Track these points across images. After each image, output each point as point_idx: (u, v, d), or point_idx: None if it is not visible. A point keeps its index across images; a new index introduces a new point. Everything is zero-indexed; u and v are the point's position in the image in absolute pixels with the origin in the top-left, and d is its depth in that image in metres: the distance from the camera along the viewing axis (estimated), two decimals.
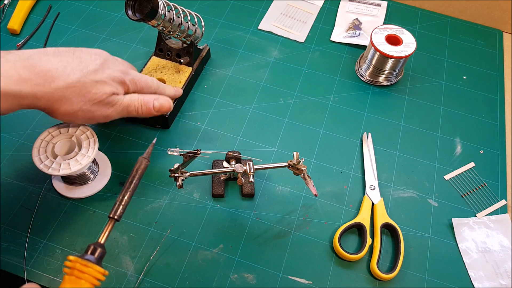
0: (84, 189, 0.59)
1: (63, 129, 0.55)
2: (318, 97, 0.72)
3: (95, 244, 0.40)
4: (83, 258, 0.39)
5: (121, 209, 0.43)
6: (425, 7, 0.87)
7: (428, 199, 0.62)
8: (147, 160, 0.45)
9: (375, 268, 0.54)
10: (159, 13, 0.58)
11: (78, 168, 0.52)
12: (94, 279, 0.38)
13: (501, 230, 0.60)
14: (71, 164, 0.52)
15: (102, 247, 0.40)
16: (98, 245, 0.40)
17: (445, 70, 0.77)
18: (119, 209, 0.42)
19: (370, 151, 0.66)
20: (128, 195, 0.43)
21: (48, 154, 0.53)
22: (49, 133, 0.55)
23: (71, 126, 0.55)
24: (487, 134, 0.70)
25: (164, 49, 0.70)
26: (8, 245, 0.55)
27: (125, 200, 0.43)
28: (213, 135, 0.67)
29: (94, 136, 0.55)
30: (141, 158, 0.45)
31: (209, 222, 0.58)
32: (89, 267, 0.38)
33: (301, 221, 0.59)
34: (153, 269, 0.54)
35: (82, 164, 0.52)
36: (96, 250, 0.40)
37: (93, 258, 0.39)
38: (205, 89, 0.72)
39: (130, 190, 0.43)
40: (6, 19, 0.78)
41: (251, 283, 0.54)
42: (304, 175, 0.55)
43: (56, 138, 0.55)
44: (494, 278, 0.56)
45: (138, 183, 0.44)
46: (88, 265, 0.38)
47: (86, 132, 0.55)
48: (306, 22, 0.83)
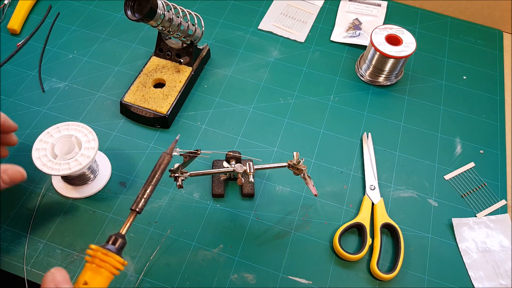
0: (84, 189, 0.59)
1: (63, 130, 0.55)
2: (318, 97, 0.72)
3: (116, 234, 0.40)
4: (104, 247, 0.39)
5: (143, 202, 0.43)
6: (425, 7, 0.87)
7: (428, 199, 0.62)
8: (170, 155, 0.45)
9: (375, 268, 0.54)
10: (158, 13, 0.58)
11: (78, 168, 0.52)
12: (114, 269, 0.38)
13: (501, 230, 0.60)
14: (71, 164, 0.52)
15: (123, 237, 0.41)
16: (119, 235, 0.40)
17: (445, 70, 0.77)
18: (141, 201, 0.42)
19: (370, 151, 0.66)
20: (150, 188, 0.43)
21: (48, 154, 0.53)
22: (48, 133, 0.55)
23: (71, 127, 0.55)
24: (487, 134, 0.70)
25: (164, 49, 0.70)
26: (8, 245, 0.55)
27: (147, 193, 0.43)
28: (213, 135, 0.67)
29: (94, 136, 0.55)
30: (164, 154, 0.45)
31: (209, 222, 0.58)
32: (109, 257, 0.38)
33: (301, 221, 0.59)
34: (153, 269, 0.54)
35: (82, 164, 0.52)
36: (117, 240, 0.40)
37: (114, 248, 0.39)
38: (205, 89, 0.72)
39: (152, 184, 0.43)
40: (6, 19, 0.78)
41: (251, 283, 0.54)
42: (304, 175, 0.55)
43: (56, 138, 0.55)
44: (494, 278, 0.56)
45: (160, 177, 0.44)
46: (108, 254, 0.38)
47: (86, 132, 0.55)
48: (306, 22, 0.83)
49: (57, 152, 0.54)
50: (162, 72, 0.69)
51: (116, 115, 0.68)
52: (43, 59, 0.73)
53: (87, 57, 0.74)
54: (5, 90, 0.69)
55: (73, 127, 0.55)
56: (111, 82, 0.71)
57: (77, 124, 0.56)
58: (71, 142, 0.55)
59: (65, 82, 0.71)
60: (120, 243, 0.40)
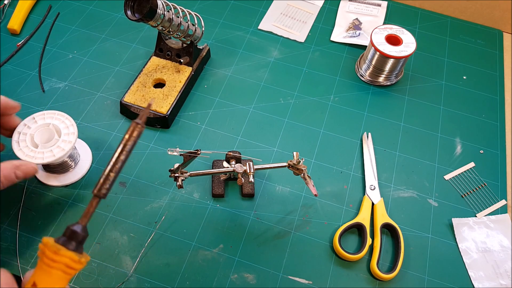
0: (66, 176, 0.60)
1: (39, 119, 0.56)
2: (318, 97, 0.72)
3: (73, 225, 0.34)
4: (57, 242, 0.33)
5: (108, 185, 0.35)
6: (425, 7, 0.87)
7: (428, 199, 0.62)
8: (141, 125, 0.35)
9: (375, 268, 0.54)
10: (158, 13, 0.58)
11: (62, 154, 0.53)
12: (67, 268, 0.33)
13: (501, 230, 0.60)
14: (54, 151, 0.53)
15: (82, 229, 0.34)
16: (77, 227, 0.34)
17: (445, 70, 0.77)
18: (104, 184, 0.35)
19: (370, 151, 0.66)
20: (115, 168, 0.35)
21: (29, 144, 0.54)
22: (25, 124, 0.55)
23: (47, 115, 0.56)
24: (487, 134, 0.70)
25: (164, 49, 0.70)
26: (8, 245, 0.55)
27: (112, 174, 0.35)
28: (213, 135, 0.67)
29: (72, 122, 0.56)
30: (134, 123, 0.35)
31: (209, 222, 0.58)
32: (60, 255, 0.33)
33: (301, 221, 0.59)
34: (153, 269, 0.54)
35: (65, 150, 0.53)
36: (74, 233, 0.34)
37: (68, 243, 0.33)
38: (205, 89, 0.72)
39: (118, 162, 0.35)
40: (6, 19, 0.78)
41: (251, 283, 0.54)
42: (304, 175, 0.55)
43: (33, 128, 0.55)
44: (494, 278, 0.56)
45: (129, 154, 0.35)
46: (59, 252, 0.33)
47: (63, 119, 0.56)
48: (306, 22, 0.83)
49: (37, 142, 0.54)
50: (162, 72, 0.69)
51: (116, 115, 0.68)
52: (43, 59, 0.73)
53: (87, 57, 0.74)
54: (5, 90, 0.69)
55: (49, 115, 0.56)
56: (111, 82, 0.71)
57: (52, 112, 0.56)
58: (50, 130, 0.56)
59: (65, 82, 0.71)
60: (77, 237, 0.33)
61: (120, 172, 0.35)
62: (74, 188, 0.60)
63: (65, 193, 0.59)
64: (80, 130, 0.65)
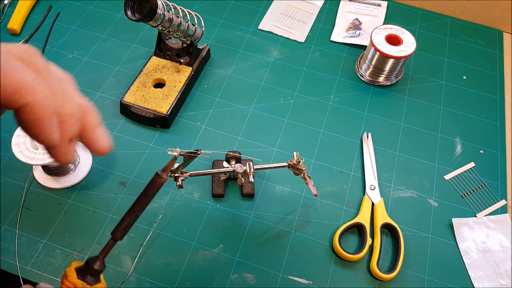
0: (67, 179, 0.60)
1: None
2: (318, 97, 0.72)
3: (92, 258, 0.36)
4: (75, 268, 0.35)
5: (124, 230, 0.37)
6: (425, 7, 0.87)
7: (428, 199, 0.62)
8: (165, 178, 0.36)
9: (375, 268, 0.54)
10: (158, 13, 0.58)
11: None
12: None
13: (501, 230, 0.60)
14: None
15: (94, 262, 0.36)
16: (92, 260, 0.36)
17: (445, 70, 0.77)
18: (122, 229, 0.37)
19: (370, 151, 0.66)
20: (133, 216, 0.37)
21: (29, 147, 0.54)
22: None
23: None
24: (487, 134, 0.70)
25: (164, 49, 0.70)
26: (8, 245, 0.55)
27: (127, 220, 0.37)
28: (213, 135, 0.67)
29: None
30: (157, 175, 0.36)
31: (209, 222, 0.58)
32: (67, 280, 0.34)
33: (301, 221, 0.59)
34: (153, 269, 0.54)
35: None
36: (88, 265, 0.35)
37: (82, 272, 0.35)
38: (205, 89, 0.72)
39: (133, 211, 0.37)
40: (6, 19, 0.78)
41: (251, 283, 0.54)
42: (304, 175, 0.55)
43: None
44: (494, 278, 0.56)
45: (149, 202, 0.36)
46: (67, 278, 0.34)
47: None
48: (306, 22, 0.83)
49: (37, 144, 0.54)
50: (162, 72, 0.69)
51: (116, 115, 0.68)
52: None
53: (87, 57, 0.74)
54: None
55: None
56: (111, 82, 0.71)
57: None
58: None
59: None
60: (89, 269, 0.35)
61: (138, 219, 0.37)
62: (74, 188, 0.60)
63: (65, 193, 0.59)
64: None
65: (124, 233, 0.37)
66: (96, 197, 0.59)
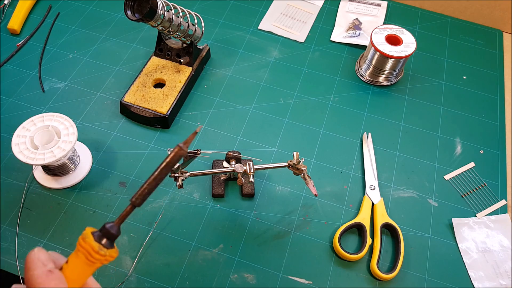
0: (67, 179, 0.60)
1: (38, 122, 0.56)
2: (318, 97, 0.72)
3: (108, 223, 0.37)
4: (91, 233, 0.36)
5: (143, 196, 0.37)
6: (425, 7, 0.87)
7: (428, 199, 0.62)
8: (185, 149, 0.37)
9: (375, 268, 0.54)
10: (158, 13, 0.58)
11: (62, 154, 0.53)
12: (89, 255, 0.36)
13: (501, 230, 0.60)
14: (54, 152, 0.53)
15: (112, 228, 0.37)
16: (110, 225, 0.37)
17: (445, 70, 0.77)
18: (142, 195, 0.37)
19: (370, 151, 0.66)
20: (153, 183, 0.37)
21: (29, 147, 0.54)
22: (24, 127, 0.56)
23: (46, 118, 0.56)
24: (487, 134, 0.70)
25: (164, 49, 0.70)
26: (8, 245, 0.55)
27: (149, 188, 0.37)
28: (213, 135, 0.67)
29: (71, 123, 0.56)
30: (178, 147, 0.37)
31: (209, 222, 0.58)
32: (85, 242, 0.35)
33: (301, 221, 0.59)
34: (153, 269, 0.54)
35: (65, 150, 0.53)
36: (105, 229, 0.36)
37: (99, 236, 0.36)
38: (205, 89, 0.72)
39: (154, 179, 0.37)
40: (6, 19, 0.78)
41: (251, 283, 0.54)
42: (304, 175, 0.55)
43: (33, 131, 0.55)
44: (494, 278, 0.56)
45: (168, 172, 0.37)
46: (85, 239, 0.36)
47: (62, 120, 0.56)
48: (306, 22, 0.83)
49: (37, 143, 0.55)
50: (162, 72, 0.69)
51: (116, 115, 0.68)
52: (43, 59, 0.73)
53: (87, 57, 0.74)
54: (5, 90, 0.69)
55: (48, 117, 0.57)
56: (111, 82, 0.71)
57: (51, 114, 0.57)
58: (49, 132, 0.56)
59: (65, 82, 0.71)
60: (106, 233, 0.36)
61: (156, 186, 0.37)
62: (74, 188, 0.60)
63: (65, 193, 0.59)
64: (80, 130, 0.65)
65: (143, 200, 0.37)
66: (96, 197, 0.59)
